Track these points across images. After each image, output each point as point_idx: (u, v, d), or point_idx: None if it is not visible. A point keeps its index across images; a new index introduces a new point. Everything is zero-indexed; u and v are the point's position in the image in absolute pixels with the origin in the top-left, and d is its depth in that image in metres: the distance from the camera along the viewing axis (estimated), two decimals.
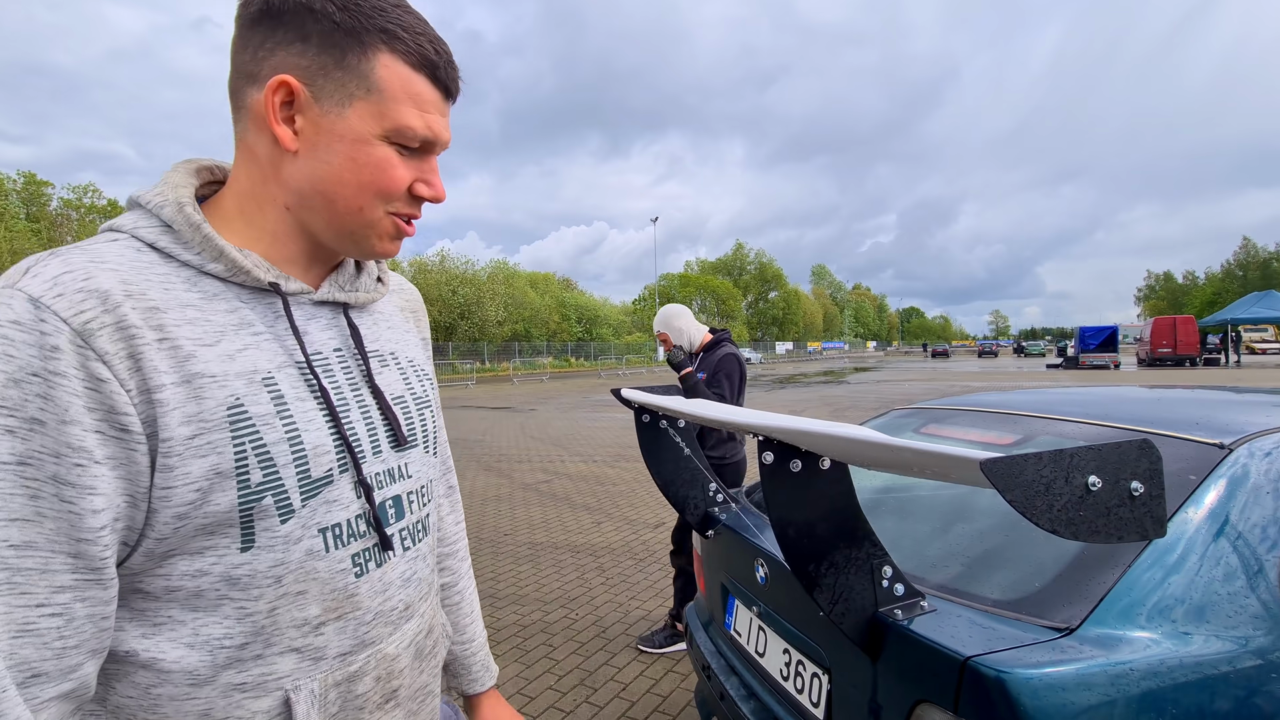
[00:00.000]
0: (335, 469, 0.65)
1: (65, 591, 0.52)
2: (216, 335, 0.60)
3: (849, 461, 1.02)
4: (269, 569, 0.61)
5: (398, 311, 0.83)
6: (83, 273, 0.54)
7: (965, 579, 1.26)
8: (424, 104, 0.65)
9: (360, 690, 0.68)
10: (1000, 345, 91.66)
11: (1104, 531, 0.69)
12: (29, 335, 0.51)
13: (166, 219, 0.62)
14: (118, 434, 0.54)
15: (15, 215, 28.64)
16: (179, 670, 0.59)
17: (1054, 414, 1.68)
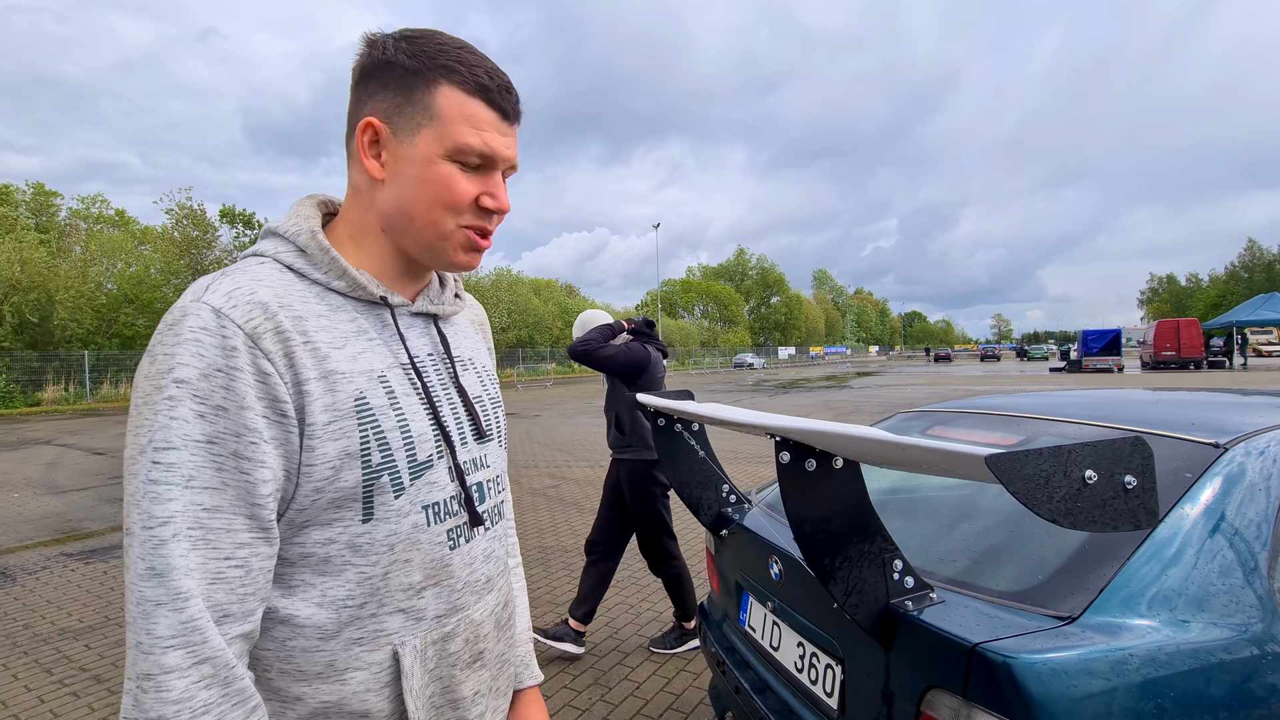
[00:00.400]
0: (434, 455, 0.76)
1: (244, 547, 0.63)
2: (343, 340, 0.72)
3: (861, 460, 1.09)
4: (384, 538, 0.71)
5: (470, 324, 0.94)
6: (249, 289, 0.66)
7: (971, 573, 1.32)
8: (479, 124, 0.74)
9: (453, 649, 0.77)
10: (1003, 349, 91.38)
11: (1100, 521, 0.76)
12: (214, 338, 0.62)
13: (301, 245, 0.74)
14: (279, 418, 0.65)
15: (25, 225, 28.89)
16: (310, 626, 0.69)
17: (1055, 416, 1.74)
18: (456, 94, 0.72)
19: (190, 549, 0.60)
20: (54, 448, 11.23)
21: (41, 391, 20.72)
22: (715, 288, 76.58)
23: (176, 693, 0.58)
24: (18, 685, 2.95)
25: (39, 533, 5.59)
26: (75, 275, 23.19)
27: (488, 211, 0.77)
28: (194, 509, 0.60)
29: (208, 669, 0.59)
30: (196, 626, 0.59)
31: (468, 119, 0.73)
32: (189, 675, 0.58)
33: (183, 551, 0.59)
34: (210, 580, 0.61)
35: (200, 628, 0.59)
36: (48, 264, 22.59)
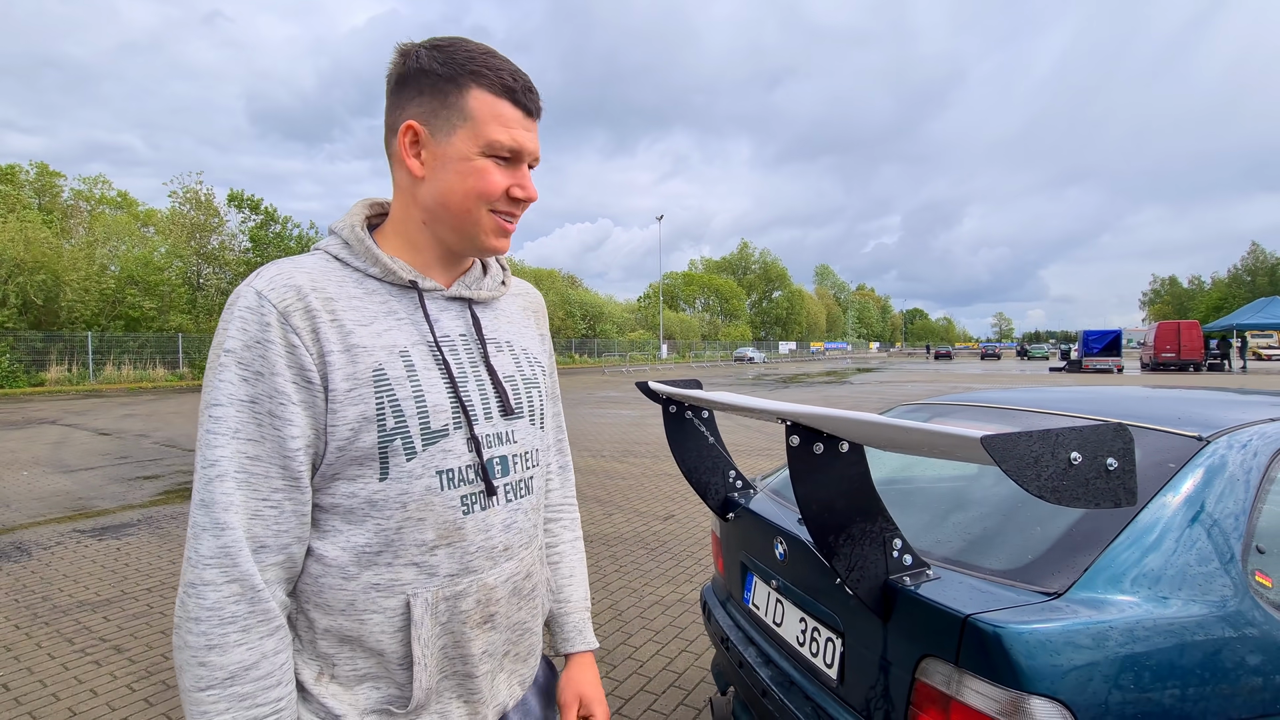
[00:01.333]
0: (450, 425, 0.82)
1: (278, 492, 0.75)
2: (371, 319, 0.80)
3: (866, 444, 1.17)
4: (397, 496, 0.79)
5: (520, 310, 1.01)
6: (288, 275, 0.77)
7: (966, 553, 1.41)
8: (508, 122, 0.82)
9: (464, 608, 0.84)
10: (1003, 348, 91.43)
11: (1083, 498, 0.84)
12: (255, 315, 0.74)
13: (345, 239, 0.85)
14: (306, 384, 0.75)
15: (28, 205, 28.90)
16: (336, 566, 0.78)
17: (1049, 409, 1.82)
18: (486, 96, 0.81)
19: (235, 488, 0.71)
20: (60, 427, 11.33)
21: (45, 372, 20.82)
22: (717, 281, 76.55)
23: (210, 601, 0.70)
24: (41, 653, 3.05)
25: (50, 510, 5.69)
26: (81, 257, 23.25)
27: (516, 200, 0.86)
28: (239, 456, 0.72)
29: (236, 587, 0.71)
30: (229, 551, 0.70)
31: (497, 118, 0.81)
32: (221, 590, 0.70)
33: (227, 490, 0.71)
34: (250, 516, 0.72)
35: (233, 553, 0.71)
36: (52, 245, 22.64)
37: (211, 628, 0.70)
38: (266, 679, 0.72)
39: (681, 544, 4.63)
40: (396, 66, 0.83)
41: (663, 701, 2.61)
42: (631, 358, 46.76)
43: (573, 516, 1.15)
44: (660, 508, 5.64)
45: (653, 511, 5.52)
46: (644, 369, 37.40)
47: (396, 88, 0.83)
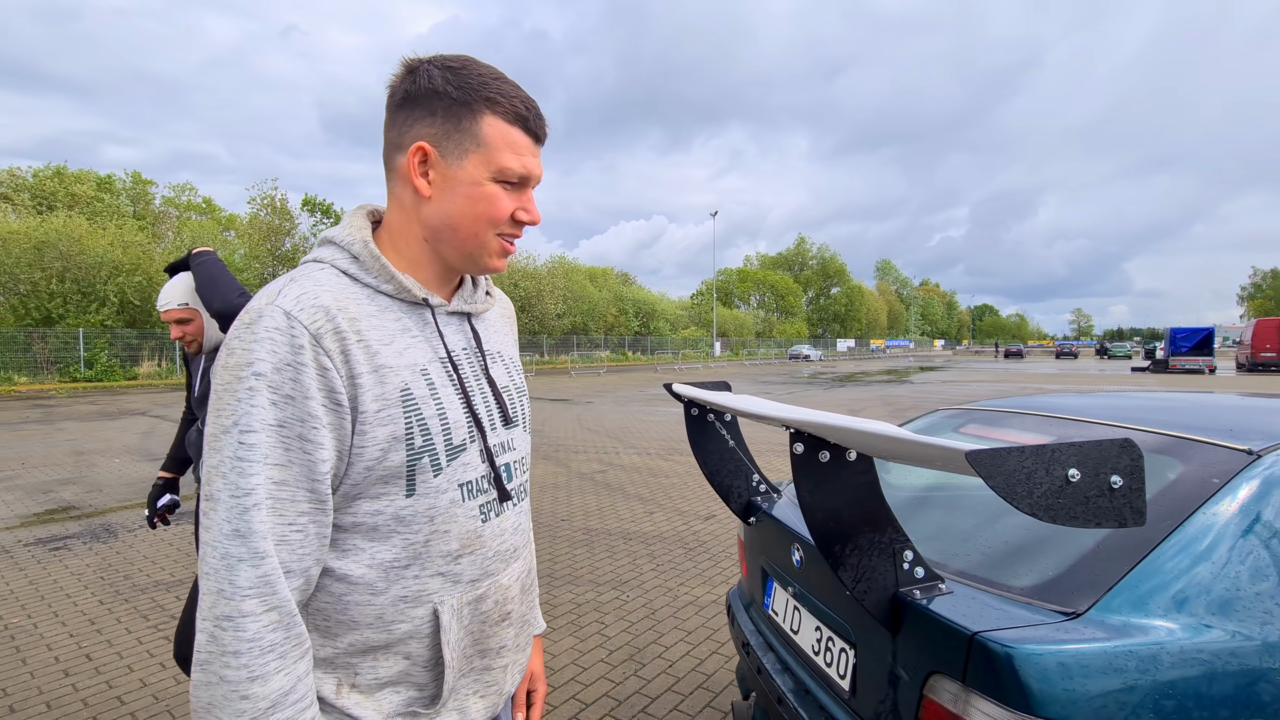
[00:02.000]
0: (468, 439, 0.85)
1: (304, 515, 0.74)
2: (390, 337, 0.81)
3: (866, 452, 1.13)
4: (425, 510, 0.81)
5: (500, 318, 1.04)
6: (314, 294, 0.76)
7: (986, 567, 1.35)
8: (519, 149, 0.84)
9: (485, 609, 0.89)
10: (1081, 346, 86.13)
11: (1082, 517, 0.79)
12: (285, 337, 0.72)
13: (355, 253, 0.83)
14: (336, 407, 0.75)
15: (124, 212, 31.36)
16: (363, 584, 0.80)
17: (1092, 418, 1.72)
18: (500, 123, 0.82)
19: (267, 515, 0.71)
20: (148, 419, 12.25)
21: (138, 366, 22.54)
22: (773, 277, 75.31)
23: (250, 633, 0.69)
24: (120, 628, 3.32)
25: (137, 495, 6.16)
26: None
27: (520, 223, 0.87)
28: (268, 483, 0.71)
29: (275, 615, 0.71)
30: (269, 580, 0.70)
31: (509, 145, 0.83)
32: (261, 620, 0.69)
33: (263, 519, 0.70)
34: (277, 542, 0.71)
35: (273, 582, 0.70)
36: (145, 248, 24.47)
37: (253, 659, 0.69)
38: (301, 701, 0.73)
39: (721, 544, 4.60)
40: (404, 82, 0.83)
41: (689, 702, 2.61)
42: (684, 355, 46.63)
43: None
44: (702, 507, 5.61)
45: (694, 511, 5.51)
46: (696, 366, 37.25)
47: (404, 104, 0.82)
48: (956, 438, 1.95)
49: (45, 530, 5.01)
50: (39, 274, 21.42)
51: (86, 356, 21.32)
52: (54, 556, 4.40)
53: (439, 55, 0.84)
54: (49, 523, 5.22)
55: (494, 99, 0.82)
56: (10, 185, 31.23)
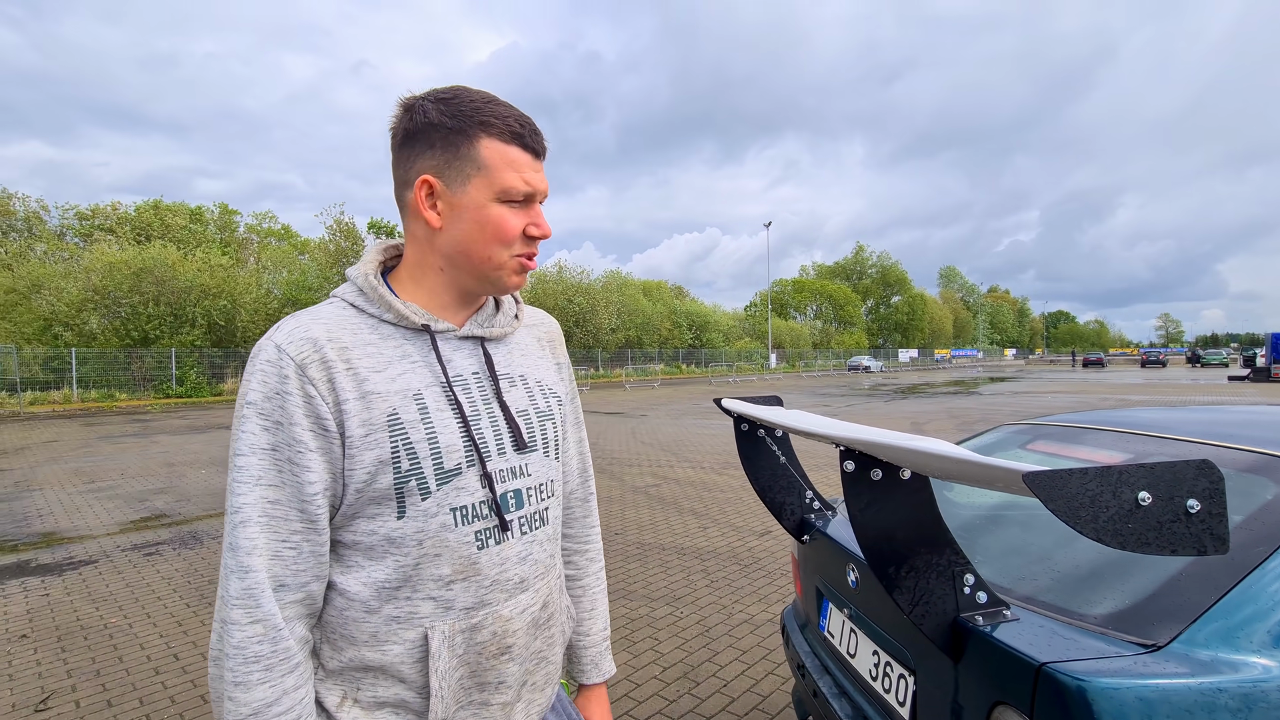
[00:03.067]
0: (464, 463, 0.85)
1: (297, 534, 0.78)
2: (385, 364, 0.83)
3: (920, 472, 1.10)
4: (414, 533, 0.82)
5: (534, 341, 1.03)
6: (305, 327, 0.81)
7: (1055, 593, 1.28)
8: (519, 167, 0.85)
9: (480, 639, 0.86)
10: (1170, 354, 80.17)
11: (1155, 544, 0.74)
12: (274, 368, 0.78)
13: (360, 286, 0.87)
14: (322, 432, 0.79)
15: (212, 240, 33.80)
16: (359, 600, 0.82)
17: (1175, 434, 1.60)
18: (496, 144, 0.84)
19: (258, 532, 0.75)
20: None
21: (223, 384, 24.11)
22: (830, 287, 73.73)
23: (236, 640, 0.74)
24: (203, 630, 3.53)
25: (220, 504, 6.56)
26: (252, 283, 26.77)
27: (532, 239, 0.88)
28: (261, 501, 0.76)
29: (260, 629, 0.75)
30: (253, 593, 0.75)
31: (509, 164, 0.84)
32: (246, 630, 0.74)
33: (250, 535, 0.75)
34: (271, 557, 0.76)
35: (256, 594, 0.75)
36: (230, 273, 26.27)
37: (237, 665, 0.74)
38: (287, 714, 0.76)
39: (776, 561, 4.50)
40: (402, 121, 0.85)
41: None
42: (739, 367, 46.13)
43: (597, 547, 1.15)
44: (757, 523, 5.52)
45: (749, 526, 5.42)
46: (751, 379, 36.76)
47: (405, 142, 0.85)
48: (1021, 456, 1.86)
49: (140, 537, 5.40)
50: (137, 298, 23.30)
51: (178, 374, 23.01)
52: (147, 561, 4.73)
53: (432, 90, 0.86)
54: (143, 529, 5.63)
55: (487, 121, 0.83)
56: (114, 219, 34.19)
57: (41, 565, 4.68)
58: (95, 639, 3.43)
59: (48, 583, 4.31)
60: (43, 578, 4.41)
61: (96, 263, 23.59)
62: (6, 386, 19.21)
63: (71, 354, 21.22)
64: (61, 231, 33.69)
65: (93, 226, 33.61)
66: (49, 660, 3.18)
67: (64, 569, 4.59)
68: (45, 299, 22.47)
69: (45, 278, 23.18)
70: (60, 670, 3.08)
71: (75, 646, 3.34)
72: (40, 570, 4.57)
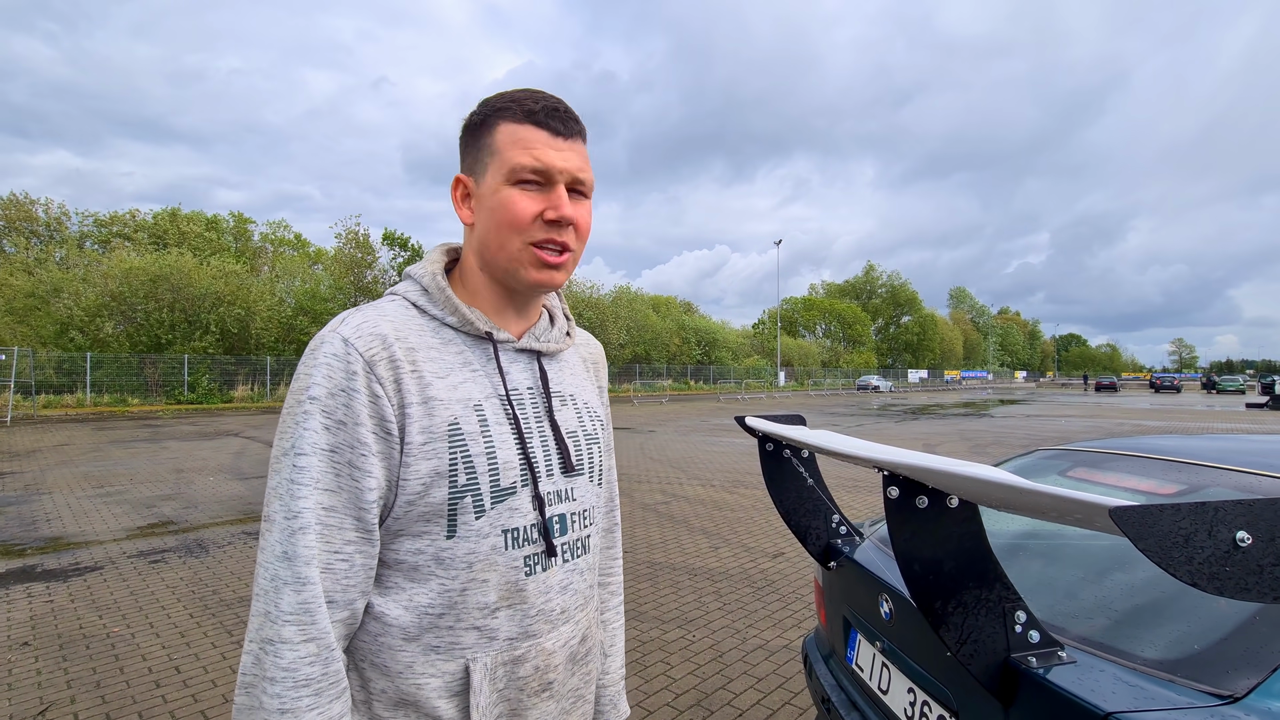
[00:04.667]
0: (519, 482, 0.80)
1: (351, 544, 0.73)
2: (447, 370, 0.79)
3: (976, 501, 1.03)
4: (464, 555, 0.77)
5: (580, 361, 0.99)
6: (373, 323, 0.76)
7: (1113, 633, 1.19)
8: (530, 144, 0.79)
9: (522, 674, 0.81)
10: (1184, 379, 79.15)
11: (1256, 590, 0.67)
12: (341, 362, 0.73)
13: (425, 285, 0.84)
14: (385, 435, 0.74)
15: (226, 248, 34.25)
16: (397, 626, 0.76)
17: (1231, 464, 1.52)
18: (508, 125, 0.80)
19: (315, 541, 0.69)
20: (241, 439, 13.06)
21: (234, 390, 24.24)
22: (839, 306, 73.54)
23: (287, 661, 0.67)
24: (206, 641, 3.47)
25: (227, 512, 6.53)
26: (266, 291, 27.00)
27: (552, 224, 0.79)
28: (318, 508, 0.70)
29: (314, 648, 0.68)
30: (310, 608, 0.68)
31: (518, 142, 0.79)
32: (298, 650, 0.68)
33: (309, 543, 0.69)
34: (322, 569, 0.70)
35: (313, 610, 0.68)
36: (244, 281, 26.51)
37: (286, 689, 0.67)
38: None
39: (791, 585, 4.39)
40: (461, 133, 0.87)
41: None
42: (748, 385, 45.93)
43: (619, 580, 1.10)
44: (770, 544, 5.41)
45: (761, 548, 5.31)
46: (760, 396, 36.57)
47: (460, 148, 0.86)
48: (1064, 483, 1.78)
49: (146, 543, 5.36)
50: (153, 304, 23.54)
51: (190, 380, 23.14)
52: (152, 569, 4.68)
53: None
54: (150, 536, 5.59)
55: (505, 107, 0.81)
56: (132, 226, 34.71)
57: (47, 571, 4.64)
58: (97, 648, 3.37)
59: (52, 589, 4.27)
60: (48, 583, 4.37)
61: (115, 269, 23.90)
62: (21, 389, 19.37)
63: (86, 358, 21.42)
64: (81, 238, 34.25)
65: (111, 234, 34.16)
66: (49, 669, 3.13)
67: (69, 575, 4.54)
68: (63, 303, 22.73)
69: (64, 282, 23.48)
70: (60, 680, 3.02)
71: (77, 655, 3.28)
72: (45, 576, 4.53)
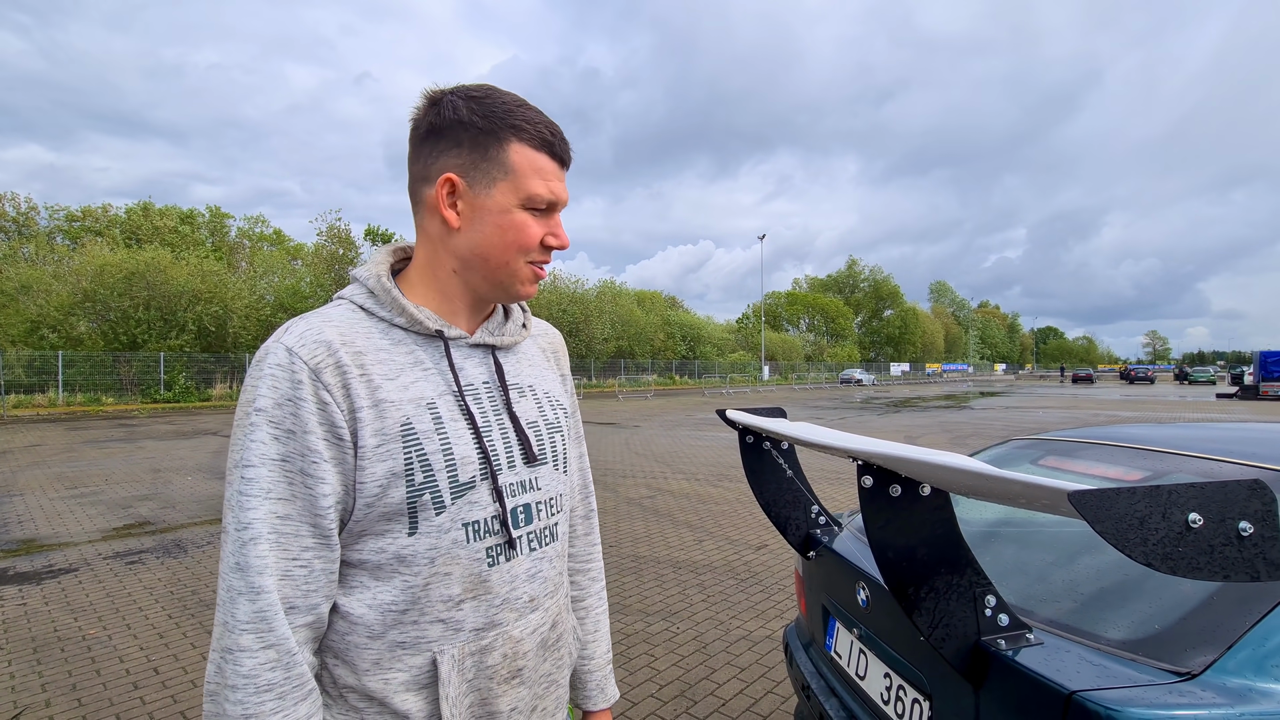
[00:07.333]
0: (478, 476, 0.81)
1: (309, 550, 0.74)
2: (398, 371, 0.80)
3: (945, 489, 1.05)
4: (426, 551, 0.78)
5: (539, 352, 1.00)
6: (317, 329, 0.77)
7: (1079, 615, 1.23)
8: (546, 175, 0.83)
9: (490, 663, 0.82)
10: (1157, 370, 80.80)
11: (1207, 569, 0.70)
12: (286, 372, 0.73)
13: (371, 288, 0.84)
14: (337, 441, 0.74)
15: (202, 242, 33.60)
16: (362, 624, 0.77)
17: (1192, 451, 1.57)
18: (526, 150, 0.81)
19: (267, 550, 0.70)
20: (219, 438, 12.86)
21: (212, 389, 23.86)
22: (823, 300, 74.10)
23: (247, 668, 0.69)
24: (185, 642, 3.43)
25: (206, 511, 6.44)
26: (245, 288, 26.55)
27: (549, 248, 0.86)
28: (270, 517, 0.71)
29: (273, 654, 0.70)
30: (265, 616, 0.69)
31: (537, 171, 0.82)
32: (257, 656, 0.69)
33: (261, 553, 0.70)
34: (280, 577, 0.71)
35: (269, 618, 0.69)
36: (221, 278, 26.04)
37: (248, 696, 0.68)
38: None
39: (774, 576, 4.44)
40: (428, 115, 0.82)
41: None
42: (732, 379, 46.14)
43: (599, 566, 1.11)
44: (753, 536, 5.46)
45: (745, 540, 5.36)
46: (744, 390, 36.77)
47: (429, 136, 0.82)
48: (1036, 471, 1.82)
49: (123, 544, 5.27)
50: (128, 302, 23.05)
51: (166, 379, 22.74)
52: (129, 570, 4.61)
53: (460, 86, 0.83)
54: (126, 537, 5.50)
55: (519, 126, 0.81)
56: (103, 221, 33.92)
57: (20, 573, 4.55)
58: (72, 651, 3.32)
59: (25, 591, 4.19)
60: (20, 586, 4.29)
61: (87, 265, 23.36)
62: None
63: (58, 357, 20.95)
64: (51, 233, 33.41)
65: (82, 228, 33.35)
66: (24, 673, 3.07)
67: (43, 577, 4.46)
68: (34, 300, 22.19)
69: (34, 279, 22.91)
70: (35, 684, 2.97)
71: (51, 659, 3.23)
72: (18, 579, 4.44)
